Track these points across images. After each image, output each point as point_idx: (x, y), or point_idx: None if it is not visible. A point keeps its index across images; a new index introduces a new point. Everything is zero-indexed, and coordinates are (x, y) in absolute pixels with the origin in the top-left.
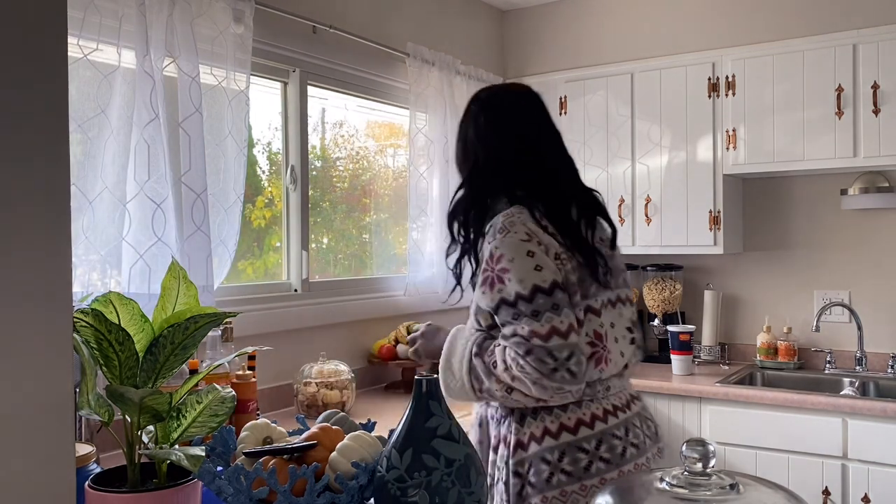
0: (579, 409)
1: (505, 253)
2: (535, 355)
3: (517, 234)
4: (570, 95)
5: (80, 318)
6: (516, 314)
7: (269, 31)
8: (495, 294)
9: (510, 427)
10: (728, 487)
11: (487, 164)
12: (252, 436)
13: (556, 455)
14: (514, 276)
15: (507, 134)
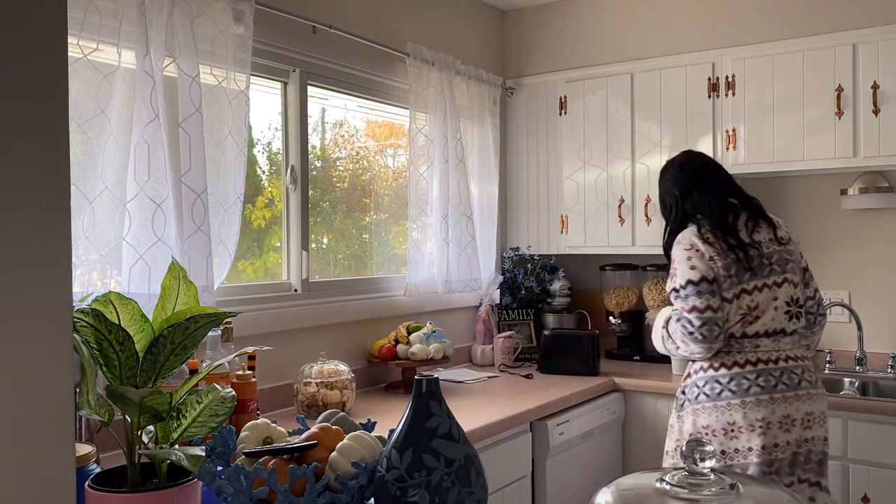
0: (727, 356)
1: (675, 258)
2: (682, 322)
3: (682, 245)
4: (570, 95)
5: (80, 318)
6: (676, 296)
7: (269, 31)
8: (668, 284)
9: (689, 365)
10: (728, 487)
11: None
12: (252, 436)
13: (702, 383)
14: (678, 272)
15: (678, 189)
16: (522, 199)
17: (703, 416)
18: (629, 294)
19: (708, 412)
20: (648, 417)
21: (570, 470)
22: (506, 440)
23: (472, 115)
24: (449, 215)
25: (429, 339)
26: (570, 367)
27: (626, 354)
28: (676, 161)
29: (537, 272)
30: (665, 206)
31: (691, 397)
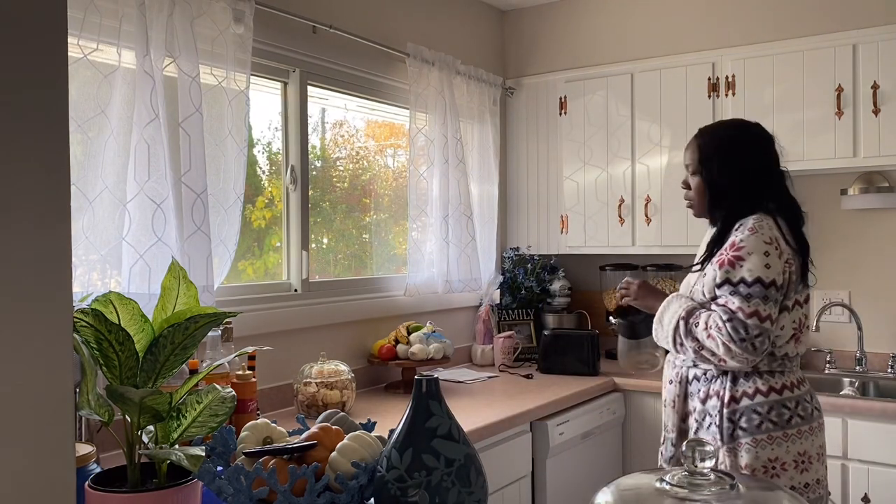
0: (783, 377)
1: (746, 245)
2: (734, 324)
3: (762, 235)
4: (570, 95)
5: (80, 318)
6: (733, 292)
7: (269, 31)
8: (723, 273)
9: (724, 385)
10: (728, 487)
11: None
12: (252, 436)
13: (765, 409)
14: (746, 265)
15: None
16: (522, 199)
17: (770, 447)
18: None
19: (778, 443)
20: (648, 417)
21: (570, 470)
22: (506, 440)
23: (472, 115)
24: (449, 215)
25: (429, 339)
26: (570, 367)
27: None
28: (756, 127)
29: (537, 272)
30: (734, 171)
31: (750, 427)
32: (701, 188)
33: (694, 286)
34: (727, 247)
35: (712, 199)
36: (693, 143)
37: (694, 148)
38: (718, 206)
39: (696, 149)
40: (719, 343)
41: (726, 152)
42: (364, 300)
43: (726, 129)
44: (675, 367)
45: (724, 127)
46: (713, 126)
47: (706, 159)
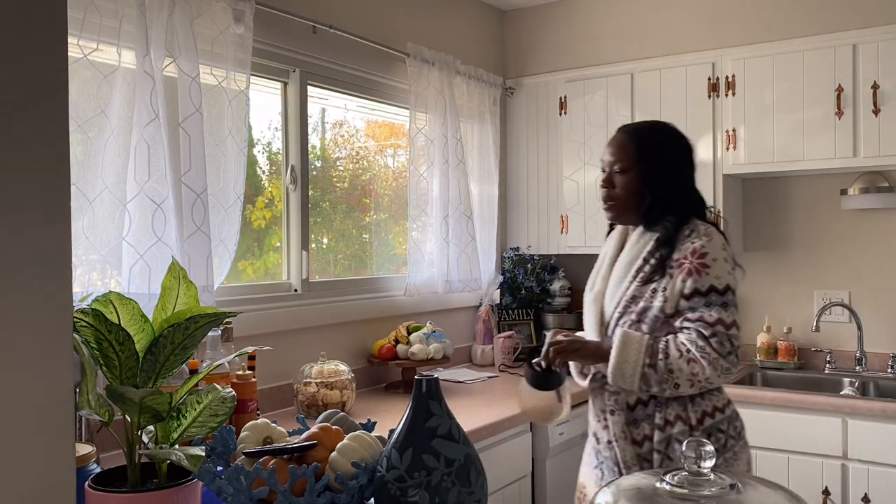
0: (723, 390)
1: (709, 252)
2: (718, 339)
3: (719, 240)
4: (570, 95)
5: (80, 318)
6: (708, 303)
7: (269, 31)
8: (692, 283)
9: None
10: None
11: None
12: (252, 436)
13: (725, 425)
14: (713, 272)
15: (690, 167)
16: (522, 199)
17: (736, 464)
18: None
19: (738, 456)
20: None
21: (570, 470)
22: (506, 440)
23: (472, 115)
24: (449, 215)
25: (429, 339)
26: (570, 368)
27: None
28: (677, 130)
29: (537, 272)
30: (677, 171)
31: (719, 446)
32: (633, 188)
33: (638, 303)
34: (688, 254)
35: (653, 202)
36: (623, 140)
37: (626, 144)
38: (658, 209)
39: (630, 145)
40: (705, 364)
41: (669, 151)
42: (364, 300)
43: (661, 129)
44: (612, 396)
45: (655, 126)
46: (641, 125)
47: (645, 157)
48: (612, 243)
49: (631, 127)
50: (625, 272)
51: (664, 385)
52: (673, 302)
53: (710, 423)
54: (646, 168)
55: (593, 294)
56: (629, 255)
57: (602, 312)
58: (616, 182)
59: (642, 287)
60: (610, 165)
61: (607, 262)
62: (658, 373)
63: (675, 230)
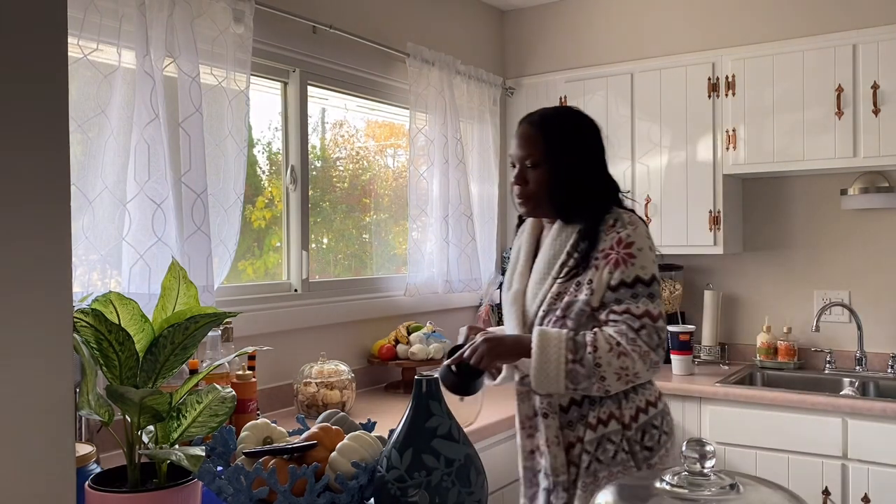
0: (654, 382)
1: (635, 242)
2: (647, 331)
3: (642, 228)
4: (570, 95)
5: (80, 318)
6: (635, 294)
7: (269, 31)
8: (619, 274)
9: (618, 402)
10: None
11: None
12: (252, 436)
13: (659, 420)
14: (639, 262)
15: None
16: None
17: (668, 461)
18: None
19: (670, 453)
20: None
21: None
22: (506, 440)
23: (472, 115)
24: (449, 215)
25: (429, 339)
26: None
27: None
28: (582, 113)
29: None
30: (590, 161)
31: (653, 443)
32: (548, 182)
33: (563, 299)
34: (614, 244)
35: (570, 194)
36: (531, 132)
37: (535, 137)
38: (576, 201)
39: (540, 137)
40: (636, 358)
41: (579, 139)
42: (364, 300)
43: (567, 115)
44: (544, 398)
45: (561, 114)
46: (547, 114)
47: (557, 148)
48: (525, 238)
49: (536, 117)
50: (547, 269)
51: (592, 380)
52: (599, 294)
53: (644, 420)
54: (559, 160)
55: (512, 294)
56: (550, 251)
57: (524, 313)
58: (529, 177)
59: (567, 282)
60: (521, 160)
61: (523, 259)
62: (585, 367)
63: (597, 220)
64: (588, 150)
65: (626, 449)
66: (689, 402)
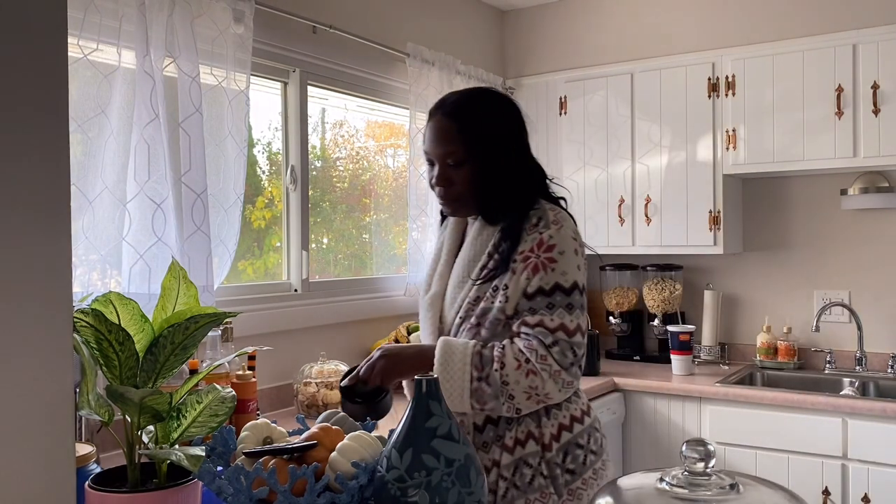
0: (580, 394)
1: (557, 244)
2: (560, 348)
3: (568, 229)
4: (570, 95)
5: (80, 318)
6: (551, 304)
7: (269, 31)
8: (537, 281)
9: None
10: (728, 487)
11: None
12: (252, 436)
13: (585, 438)
14: (560, 267)
15: (524, 139)
16: None
17: (596, 483)
18: (629, 294)
19: (601, 475)
20: (648, 417)
21: None
22: None
23: None
24: None
25: None
26: None
27: (626, 354)
28: (499, 93)
29: None
30: (512, 152)
31: (577, 465)
32: (475, 180)
33: (480, 304)
34: (534, 246)
35: (496, 191)
36: (449, 126)
37: (454, 132)
38: (501, 197)
39: (459, 132)
40: (546, 377)
41: (500, 131)
42: (364, 300)
43: (484, 101)
44: (457, 416)
45: (477, 100)
46: (462, 102)
47: (479, 143)
48: (448, 235)
49: (451, 106)
50: (466, 271)
51: (500, 399)
52: (514, 301)
53: (568, 439)
54: (484, 154)
55: (429, 298)
56: (471, 251)
57: (441, 319)
58: (454, 178)
59: (484, 286)
60: (441, 159)
61: (444, 259)
62: (492, 386)
63: (522, 218)
64: (512, 136)
65: (544, 473)
66: (689, 402)
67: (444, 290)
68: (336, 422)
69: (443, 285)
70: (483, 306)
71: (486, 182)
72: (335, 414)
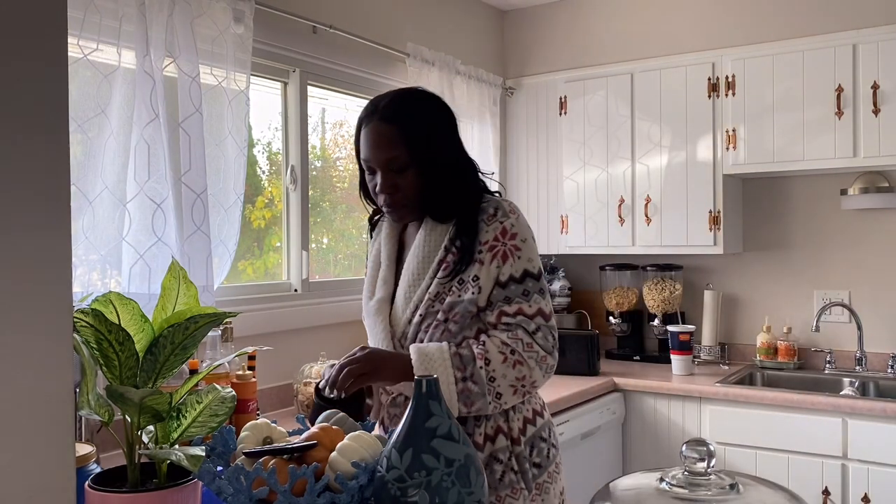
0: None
1: (519, 232)
2: (542, 333)
3: (523, 218)
4: (570, 95)
5: (80, 318)
6: (525, 291)
7: (269, 31)
8: (507, 269)
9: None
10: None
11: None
12: (252, 436)
13: (546, 432)
14: (525, 254)
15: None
16: (522, 199)
17: (559, 477)
18: (629, 294)
19: (560, 469)
20: (648, 417)
21: (569, 470)
22: None
23: (472, 115)
24: None
25: None
26: (569, 367)
27: (626, 354)
28: (427, 92)
29: None
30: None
31: (542, 459)
32: (420, 185)
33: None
34: (498, 235)
35: (442, 191)
36: (388, 131)
37: (393, 136)
38: (448, 197)
39: (399, 136)
40: (533, 365)
41: (439, 130)
42: None
43: (418, 102)
44: None
45: (410, 100)
46: (393, 102)
47: (420, 146)
48: (384, 240)
49: (387, 111)
50: (422, 269)
51: (488, 398)
52: (487, 291)
53: (532, 432)
54: (425, 157)
55: (375, 303)
56: (425, 248)
57: (391, 322)
58: (399, 184)
59: (448, 281)
60: (383, 165)
61: (386, 264)
62: (478, 384)
63: (475, 210)
64: (447, 134)
65: (514, 468)
66: (689, 402)
67: (392, 294)
68: (336, 422)
69: (389, 290)
70: (450, 300)
71: (430, 183)
72: (335, 414)
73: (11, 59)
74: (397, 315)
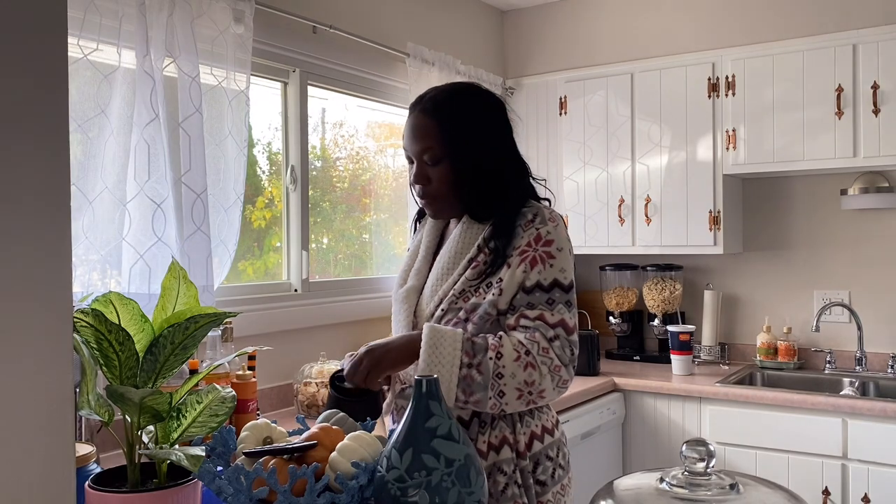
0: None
1: (556, 240)
2: (561, 343)
3: (562, 228)
4: (570, 95)
5: (80, 318)
6: (550, 300)
7: (269, 31)
8: (535, 275)
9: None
10: (728, 487)
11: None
12: (252, 436)
13: (554, 451)
14: (559, 264)
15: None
16: None
17: (564, 499)
18: (629, 294)
19: (567, 491)
20: (648, 417)
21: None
22: None
23: None
24: None
25: None
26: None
27: (626, 354)
28: (481, 87)
29: None
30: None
31: (547, 477)
32: (454, 179)
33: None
34: (531, 241)
35: (479, 189)
36: (426, 122)
37: (431, 127)
38: (487, 196)
39: (436, 128)
40: (545, 372)
41: (483, 125)
42: (364, 300)
43: (465, 97)
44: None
45: (457, 95)
46: (440, 97)
47: (457, 140)
48: (427, 232)
49: (429, 103)
50: (452, 264)
51: (489, 393)
52: (509, 295)
53: (538, 449)
54: (462, 152)
55: (405, 291)
56: (458, 244)
57: (416, 312)
58: (431, 175)
59: (474, 280)
60: (418, 155)
61: (423, 255)
62: (483, 375)
63: (514, 214)
64: (493, 134)
65: (518, 482)
66: (689, 402)
67: (422, 286)
68: (336, 422)
69: (420, 280)
70: (474, 301)
71: (464, 180)
72: (335, 414)
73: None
74: (422, 306)
